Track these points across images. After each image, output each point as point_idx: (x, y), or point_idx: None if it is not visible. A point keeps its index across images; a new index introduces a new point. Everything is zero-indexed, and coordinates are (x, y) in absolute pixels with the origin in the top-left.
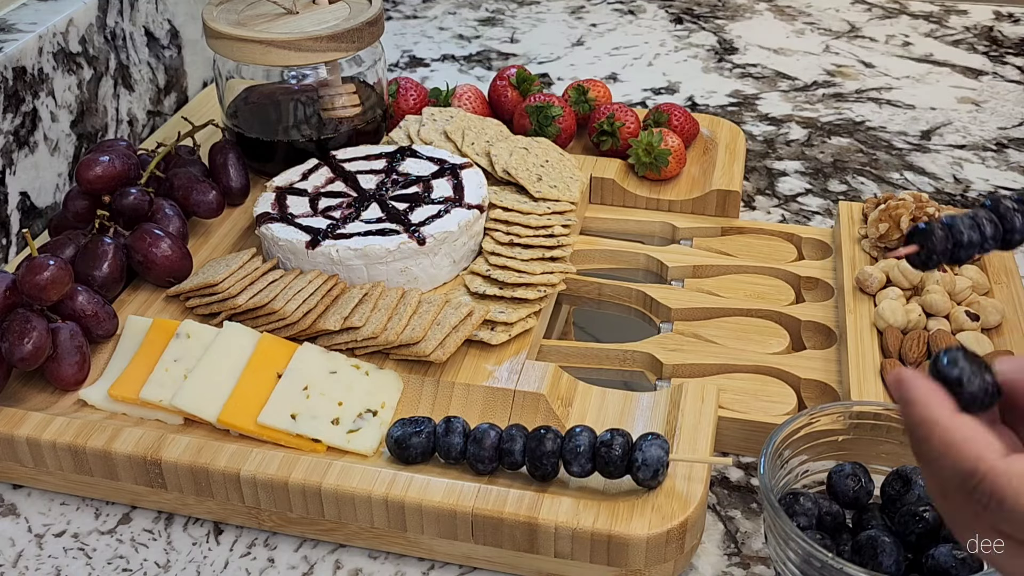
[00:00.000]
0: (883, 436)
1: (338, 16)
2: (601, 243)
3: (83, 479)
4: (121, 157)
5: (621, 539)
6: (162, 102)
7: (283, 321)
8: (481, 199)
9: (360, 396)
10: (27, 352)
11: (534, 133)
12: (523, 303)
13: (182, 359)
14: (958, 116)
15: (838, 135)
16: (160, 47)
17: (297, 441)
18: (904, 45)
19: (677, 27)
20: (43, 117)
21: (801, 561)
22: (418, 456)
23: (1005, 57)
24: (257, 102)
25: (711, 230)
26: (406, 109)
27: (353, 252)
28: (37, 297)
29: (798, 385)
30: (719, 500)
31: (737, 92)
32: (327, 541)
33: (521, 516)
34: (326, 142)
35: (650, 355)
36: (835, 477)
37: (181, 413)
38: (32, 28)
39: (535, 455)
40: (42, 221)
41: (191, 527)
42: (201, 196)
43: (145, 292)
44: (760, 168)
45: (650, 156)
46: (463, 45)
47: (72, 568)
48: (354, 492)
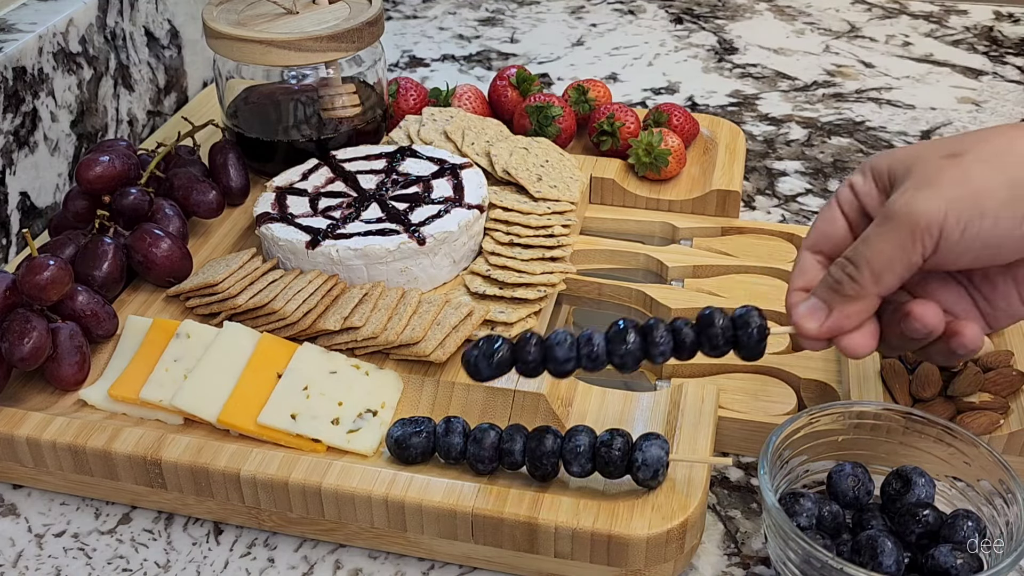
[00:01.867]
0: (883, 436)
1: (338, 16)
2: (601, 243)
3: (83, 479)
4: (121, 157)
5: (621, 539)
6: (162, 102)
7: (283, 321)
8: (481, 199)
9: (360, 396)
10: (27, 352)
11: (534, 133)
12: (523, 303)
13: (182, 359)
14: (958, 116)
15: (838, 135)
16: (160, 47)
17: (297, 441)
18: (904, 45)
19: (677, 27)
20: (43, 117)
21: (801, 561)
22: (418, 456)
23: (1005, 57)
24: (257, 102)
25: (711, 230)
26: (406, 109)
27: (353, 252)
28: (37, 297)
29: (798, 385)
30: (719, 500)
31: (737, 92)
32: (327, 541)
33: (521, 516)
34: (326, 142)
35: None
36: (835, 477)
37: (181, 413)
38: (32, 28)
39: (535, 455)
40: (42, 221)
41: (191, 527)
42: (201, 196)
43: (145, 292)
44: (760, 168)
45: (650, 156)
46: (463, 45)
47: (72, 568)
48: (354, 492)
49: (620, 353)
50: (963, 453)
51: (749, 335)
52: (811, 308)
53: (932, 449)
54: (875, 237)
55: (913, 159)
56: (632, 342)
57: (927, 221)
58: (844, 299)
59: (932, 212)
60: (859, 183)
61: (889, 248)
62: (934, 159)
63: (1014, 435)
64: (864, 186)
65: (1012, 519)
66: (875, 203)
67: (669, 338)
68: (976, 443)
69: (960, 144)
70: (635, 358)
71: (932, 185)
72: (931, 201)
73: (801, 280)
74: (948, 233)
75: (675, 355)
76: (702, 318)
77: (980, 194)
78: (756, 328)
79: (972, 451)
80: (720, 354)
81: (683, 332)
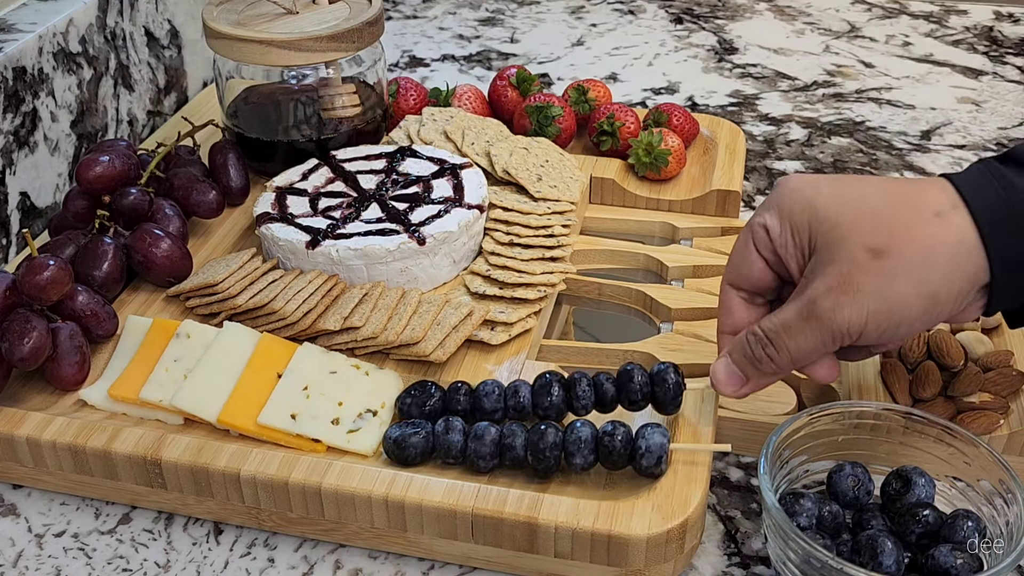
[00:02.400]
0: (883, 436)
1: (338, 16)
2: (601, 243)
3: (83, 479)
4: (121, 157)
5: (621, 539)
6: (162, 102)
7: (283, 321)
8: (481, 199)
9: (360, 396)
10: (27, 352)
11: (534, 133)
12: (523, 303)
13: (182, 359)
14: (958, 116)
15: (838, 135)
16: (160, 47)
17: (297, 441)
18: (904, 45)
19: (677, 27)
20: (43, 117)
21: (801, 561)
22: (417, 457)
23: (1005, 57)
24: (257, 102)
25: (711, 230)
26: (406, 109)
27: (353, 252)
28: (37, 297)
29: (798, 385)
30: (719, 500)
31: (737, 92)
32: (327, 541)
33: (521, 516)
34: (326, 142)
35: (650, 355)
36: (835, 477)
37: (181, 413)
38: (32, 28)
39: (537, 448)
40: (42, 221)
41: (191, 527)
42: (201, 196)
43: (145, 292)
44: (760, 168)
45: (650, 156)
46: (463, 45)
47: (72, 568)
48: (354, 492)
49: (544, 406)
50: (963, 453)
51: (666, 391)
52: (729, 375)
53: (932, 449)
54: (798, 331)
55: (837, 243)
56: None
57: (848, 327)
58: (760, 374)
59: (854, 321)
60: (774, 229)
61: (810, 344)
62: (859, 252)
63: (1014, 435)
64: (780, 236)
65: (1012, 519)
66: (791, 257)
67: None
68: (976, 443)
69: (887, 235)
70: (559, 410)
71: (854, 291)
72: (855, 312)
73: (728, 321)
74: (867, 335)
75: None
76: (621, 374)
77: (900, 307)
78: (672, 385)
79: (972, 451)
80: (639, 408)
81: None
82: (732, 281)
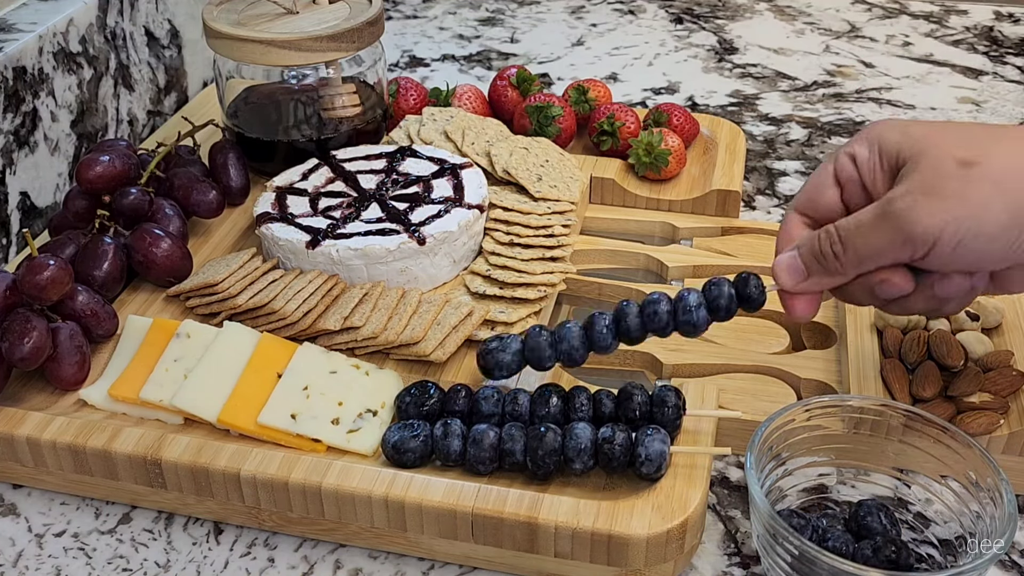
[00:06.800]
0: (883, 435)
1: (338, 16)
2: (601, 243)
3: (83, 479)
4: (121, 157)
5: (621, 539)
6: (162, 102)
7: (283, 321)
8: (481, 199)
9: (360, 396)
10: (27, 352)
11: (534, 133)
12: (523, 303)
13: (182, 359)
14: (958, 116)
15: (838, 135)
16: (160, 47)
17: (297, 441)
18: (904, 45)
19: (677, 27)
20: (43, 117)
21: (792, 557)
22: (416, 460)
23: (1005, 57)
24: (257, 102)
25: (711, 230)
26: (406, 109)
27: (353, 252)
28: (37, 297)
29: (798, 385)
30: (719, 500)
31: (737, 92)
32: (327, 541)
33: (521, 516)
34: (326, 142)
35: (650, 355)
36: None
37: (181, 413)
38: (32, 28)
39: (537, 454)
40: (42, 221)
41: (191, 527)
42: (201, 196)
43: (145, 292)
44: (760, 168)
45: (650, 156)
46: (463, 45)
47: (72, 568)
48: (354, 492)
49: (541, 415)
50: (957, 453)
51: (664, 413)
52: (792, 266)
53: (922, 445)
54: (869, 229)
55: (925, 151)
56: (554, 405)
57: (924, 231)
58: (824, 271)
59: (931, 225)
60: (862, 155)
61: (881, 244)
62: (947, 161)
63: (1014, 435)
64: (868, 160)
65: (997, 516)
66: (877, 181)
67: (589, 407)
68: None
69: (977, 147)
70: (556, 420)
71: (937, 195)
72: (933, 215)
73: (788, 245)
74: (941, 246)
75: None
76: (621, 392)
77: (981, 215)
78: (671, 407)
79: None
80: (637, 428)
81: (603, 404)
82: (801, 207)
